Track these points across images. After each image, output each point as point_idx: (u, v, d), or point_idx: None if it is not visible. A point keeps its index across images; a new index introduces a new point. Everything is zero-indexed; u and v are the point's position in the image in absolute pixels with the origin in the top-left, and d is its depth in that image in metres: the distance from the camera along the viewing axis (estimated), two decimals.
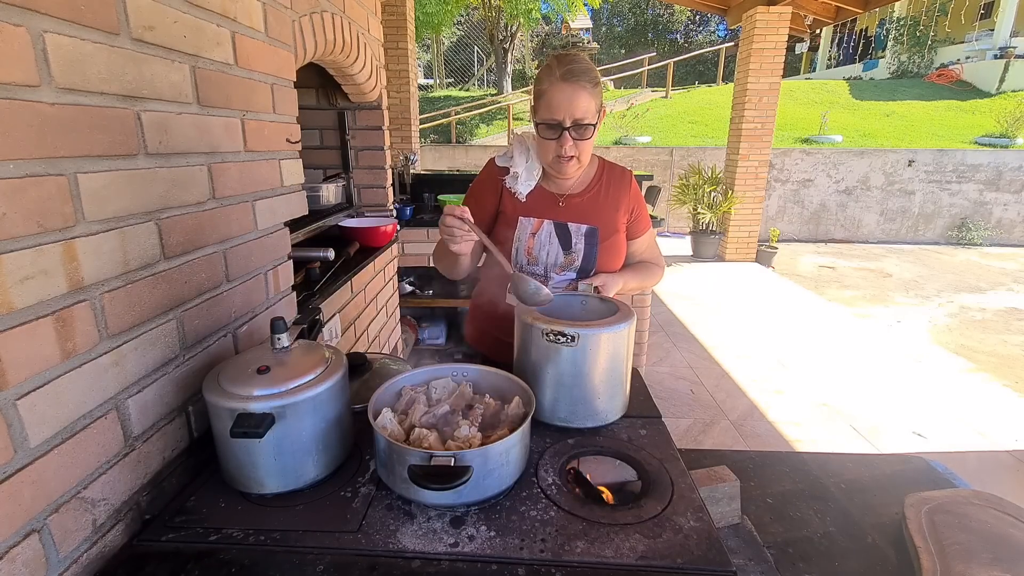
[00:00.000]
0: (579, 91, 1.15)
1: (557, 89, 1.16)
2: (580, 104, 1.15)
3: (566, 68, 1.16)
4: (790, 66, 16.97)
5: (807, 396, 3.30)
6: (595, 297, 1.19)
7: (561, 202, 1.33)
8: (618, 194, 1.34)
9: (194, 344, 0.90)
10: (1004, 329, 4.64)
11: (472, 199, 1.41)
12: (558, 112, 1.16)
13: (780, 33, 6.18)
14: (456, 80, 19.45)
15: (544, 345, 0.98)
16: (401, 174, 3.48)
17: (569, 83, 1.15)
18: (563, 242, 1.31)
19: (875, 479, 1.19)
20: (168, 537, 0.74)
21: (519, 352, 1.07)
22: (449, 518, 0.76)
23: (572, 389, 0.99)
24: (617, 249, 1.35)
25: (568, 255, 1.31)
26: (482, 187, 1.39)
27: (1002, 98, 11.39)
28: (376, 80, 2.21)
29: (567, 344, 0.97)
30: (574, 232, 1.31)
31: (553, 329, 0.97)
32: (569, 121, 1.17)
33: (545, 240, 1.31)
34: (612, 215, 1.33)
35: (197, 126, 0.90)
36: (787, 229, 8.57)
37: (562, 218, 1.32)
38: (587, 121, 1.17)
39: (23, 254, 0.59)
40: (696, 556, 0.70)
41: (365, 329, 2.12)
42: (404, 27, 6.00)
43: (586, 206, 1.32)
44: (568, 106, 1.15)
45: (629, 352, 1.04)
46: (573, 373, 0.98)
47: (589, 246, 1.30)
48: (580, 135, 1.19)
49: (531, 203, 1.33)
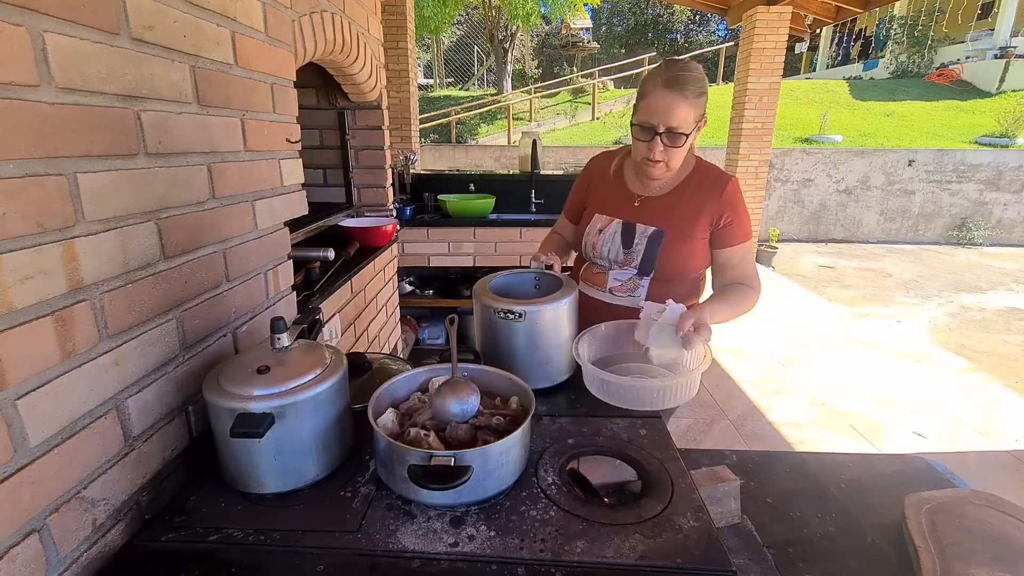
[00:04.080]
0: (679, 100, 1.16)
1: (658, 95, 1.17)
2: (677, 113, 1.17)
3: (671, 75, 1.17)
4: (790, 66, 16.97)
5: (807, 396, 3.30)
6: (548, 274, 1.27)
7: (637, 202, 1.35)
8: (703, 199, 1.29)
9: (194, 344, 0.90)
10: (1004, 329, 4.64)
11: (571, 195, 1.54)
12: (654, 117, 1.18)
13: (780, 33, 6.18)
14: (456, 80, 19.45)
15: (498, 321, 1.13)
16: (401, 174, 3.48)
17: (671, 91, 1.16)
18: (625, 241, 1.33)
19: (875, 479, 1.19)
20: (168, 537, 0.74)
21: (480, 330, 1.20)
22: (449, 518, 0.76)
23: (524, 357, 1.13)
24: (685, 255, 1.30)
25: (627, 254, 1.33)
26: (579, 183, 1.51)
27: (1002, 98, 11.39)
28: (376, 80, 2.21)
29: (516, 320, 1.11)
30: (639, 233, 1.32)
31: (503, 308, 1.11)
32: (663, 127, 1.18)
33: (609, 237, 1.35)
34: (688, 220, 1.29)
35: (197, 126, 0.90)
36: (787, 229, 8.57)
37: (632, 218, 1.34)
38: (681, 130, 1.18)
39: (23, 254, 0.59)
40: (696, 556, 0.70)
41: (365, 329, 2.12)
42: (404, 27, 6.00)
43: (660, 208, 1.32)
44: (665, 113, 1.17)
45: (571, 321, 1.18)
46: (524, 344, 1.13)
47: (650, 248, 1.30)
48: (672, 142, 1.20)
49: (609, 200, 1.40)
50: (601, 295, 1.37)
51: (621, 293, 1.36)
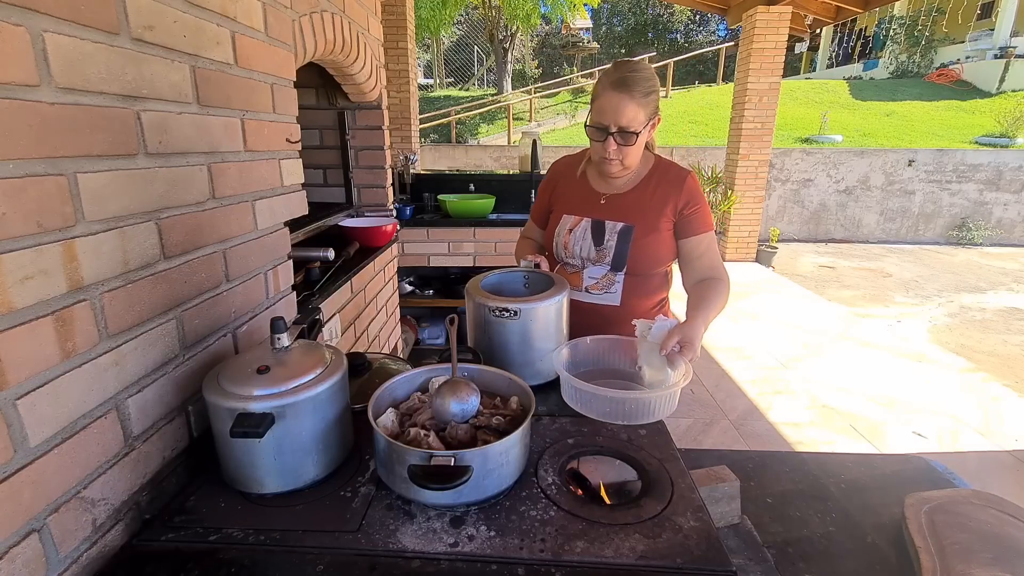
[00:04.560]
0: (626, 100, 1.20)
1: (607, 96, 1.22)
2: (626, 113, 1.21)
3: (619, 77, 1.21)
4: (790, 66, 16.98)
5: (807, 396, 3.30)
6: (537, 273, 1.29)
7: (603, 200, 1.39)
8: (666, 192, 1.34)
9: (194, 344, 0.90)
10: (1004, 329, 4.64)
11: (537, 199, 1.57)
12: (605, 117, 1.23)
13: (780, 33, 6.18)
14: (456, 80, 19.45)
15: (492, 320, 1.13)
16: (401, 174, 3.48)
17: (618, 92, 1.20)
18: (596, 238, 1.37)
19: (875, 479, 1.19)
20: (168, 537, 0.74)
21: (473, 328, 1.20)
22: (449, 518, 0.76)
23: (518, 355, 1.14)
24: (655, 248, 1.35)
25: (599, 251, 1.37)
26: (543, 187, 1.54)
27: (1002, 98, 11.39)
28: (376, 80, 2.21)
29: (511, 318, 1.11)
30: (608, 229, 1.36)
31: (498, 306, 1.12)
32: (614, 127, 1.23)
33: (580, 236, 1.38)
34: (654, 213, 1.34)
35: (197, 126, 0.90)
36: (787, 229, 8.57)
37: (600, 216, 1.38)
38: (632, 129, 1.22)
39: (23, 254, 0.59)
40: (696, 556, 0.70)
41: (365, 329, 2.12)
42: (404, 27, 6.00)
43: (627, 205, 1.36)
44: (614, 113, 1.22)
45: (562, 319, 1.20)
46: (519, 341, 1.14)
47: (621, 243, 1.34)
48: (624, 141, 1.24)
49: (576, 200, 1.43)
50: (577, 294, 1.39)
51: (597, 291, 1.39)
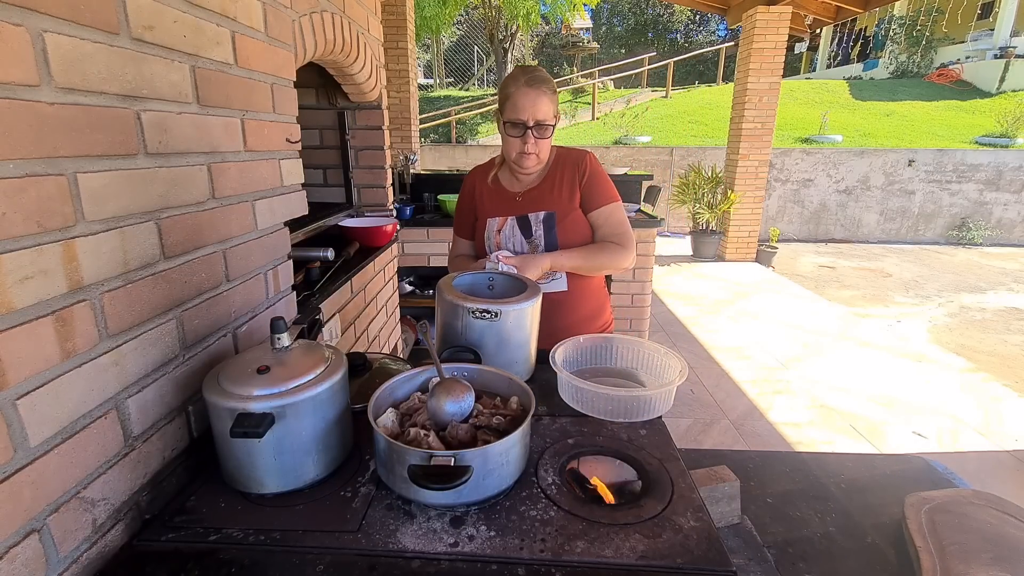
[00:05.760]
0: (541, 96, 1.32)
1: (522, 93, 1.32)
2: (541, 107, 1.33)
3: (530, 75, 1.33)
4: (790, 66, 16.98)
5: (807, 396, 3.30)
6: (501, 275, 1.29)
7: (519, 197, 1.48)
8: (572, 174, 1.44)
9: (194, 344, 0.90)
10: (1004, 329, 4.64)
11: (458, 212, 1.61)
12: (522, 113, 1.33)
13: (780, 33, 6.18)
14: (456, 80, 19.45)
15: (471, 321, 1.11)
16: (401, 174, 3.48)
17: (533, 88, 1.32)
18: (524, 232, 1.46)
19: (875, 479, 1.19)
20: (168, 537, 0.74)
21: (443, 328, 1.18)
22: (449, 518, 0.76)
23: (493, 356, 1.11)
24: (578, 227, 1.44)
25: (531, 242, 1.45)
26: (463, 200, 1.60)
27: (1002, 98, 11.39)
28: (376, 80, 2.21)
29: (491, 319, 1.10)
30: (533, 220, 1.45)
31: (479, 307, 1.09)
32: (532, 121, 1.33)
33: (509, 233, 1.47)
34: (567, 195, 1.44)
35: (197, 126, 0.90)
36: (787, 229, 8.57)
37: (521, 211, 1.47)
38: (547, 122, 1.35)
39: (23, 254, 0.59)
40: (696, 556, 0.70)
41: (365, 329, 2.12)
42: (404, 27, 6.00)
43: (542, 195, 1.46)
44: (531, 108, 1.32)
45: (536, 321, 1.19)
46: (496, 343, 1.11)
47: (547, 229, 1.43)
48: (541, 135, 1.35)
49: (495, 204, 1.51)
50: None
51: (543, 281, 1.45)
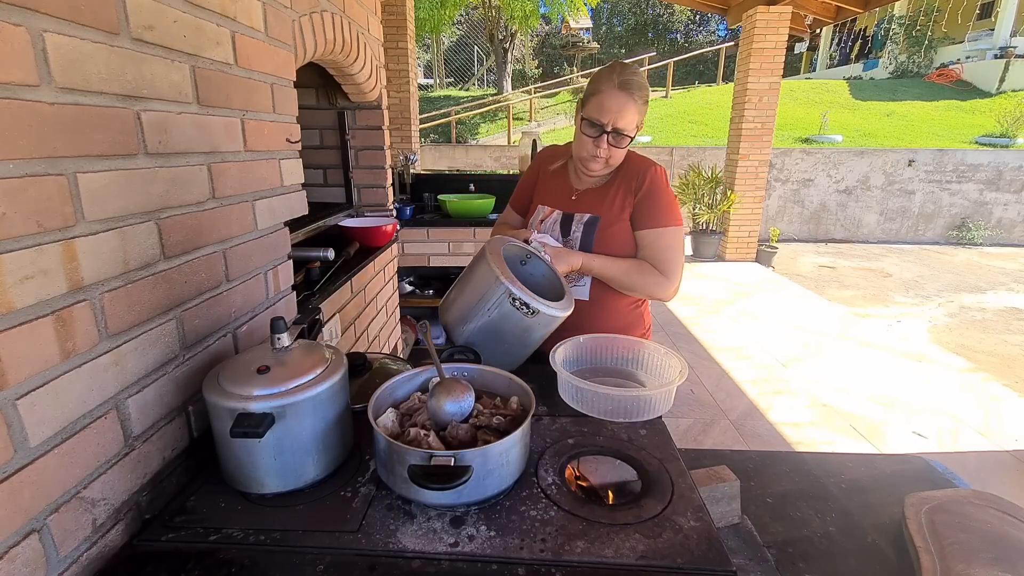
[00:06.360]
0: (630, 103, 1.22)
1: (612, 95, 1.22)
2: (626, 115, 1.23)
3: (625, 78, 1.22)
4: (790, 66, 16.97)
5: (807, 396, 3.30)
6: (537, 257, 1.26)
7: (574, 196, 1.42)
8: (630, 184, 1.35)
9: (194, 344, 0.90)
10: (1004, 329, 4.64)
11: (521, 185, 1.57)
12: (605, 115, 1.23)
13: (780, 33, 6.18)
14: (456, 80, 19.45)
15: (503, 302, 1.03)
16: (401, 174, 3.48)
17: (624, 92, 1.22)
18: (564, 229, 1.40)
19: (875, 479, 1.19)
20: (168, 537, 0.74)
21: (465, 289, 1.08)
22: (449, 518, 0.76)
23: (497, 343, 1.06)
24: (618, 238, 1.36)
25: (565, 241, 1.39)
26: (528, 174, 1.56)
27: (1002, 98, 11.40)
28: (376, 80, 2.21)
29: (524, 313, 1.02)
30: (576, 221, 1.39)
31: (522, 298, 1.02)
32: (611, 127, 1.24)
33: (550, 226, 1.42)
34: (618, 205, 1.35)
35: (197, 126, 0.90)
36: (787, 229, 8.57)
37: (570, 209, 1.41)
38: (626, 132, 1.25)
39: (23, 254, 0.59)
40: (696, 556, 0.70)
41: (365, 329, 2.12)
42: (404, 27, 6.00)
43: (596, 198, 1.39)
44: (616, 113, 1.23)
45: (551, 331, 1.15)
46: (510, 331, 1.06)
47: (586, 234, 1.37)
48: (616, 143, 1.26)
49: (551, 193, 1.46)
50: None
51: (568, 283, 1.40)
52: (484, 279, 1.05)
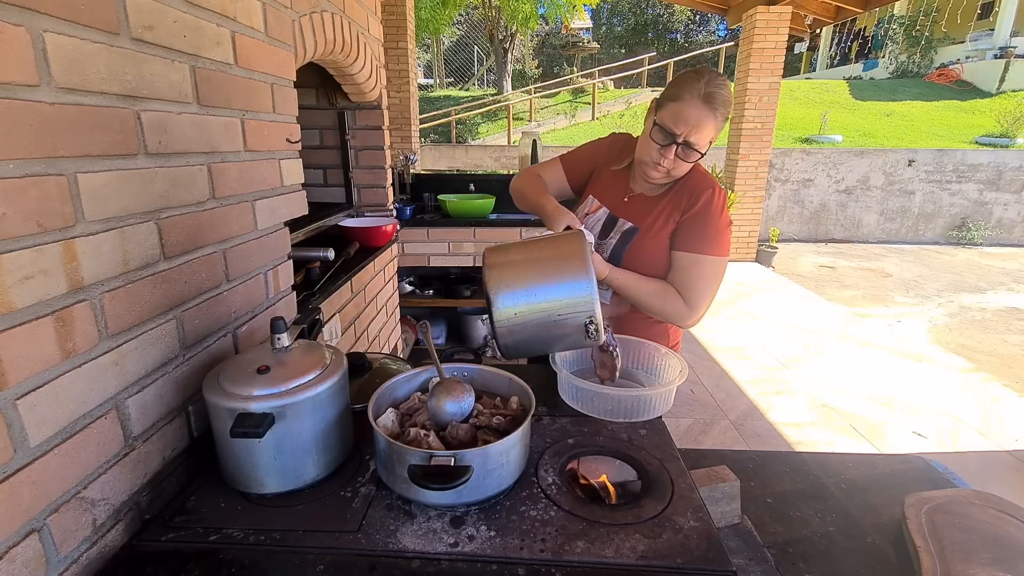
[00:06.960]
0: (708, 118, 1.15)
1: (693, 106, 1.15)
2: (703, 130, 1.16)
3: (710, 91, 1.14)
4: (790, 66, 16.96)
5: (807, 396, 3.30)
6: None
7: (627, 197, 1.36)
8: (680, 201, 1.28)
9: (194, 344, 0.90)
10: (1004, 329, 4.64)
11: (584, 151, 1.49)
12: (679, 126, 1.16)
13: (780, 33, 6.18)
14: (456, 80, 19.45)
15: (574, 318, 0.97)
16: (401, 174, 3.48)
17: (707, 106, 1.15)
18: (604, 231, 1.35)
19: (875, 479, 1.19)
20: (168, 537, 0.74)
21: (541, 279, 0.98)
22: (449, 518, 0.76)
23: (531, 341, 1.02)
24: (648, 253, 1.29)
25: (600, 244, 1.34)
26: (597, 147, 1.47)
27: (1002, 98, 11.40)
28: (376, 80, 2.21)
29: (585, 334, 0.98)
30: (617, 226, 1.34)
31: (597, 324, 0.97)
32: (683, 139, 1.17)
33: (593, 223, 1.37)
34: (662, 220, 1.29)
35: (197, 126, 0.90)
36: (787, 229, 8.57)
37: (618, 212, 1.35)
38: (698, 147, 1.18)
39: (23, 254, 0.59)
40: (696, 556, 0.70)
41: (365, 329, 2.12)
42: (404, 27, 6.01)
43: (645, 206, 1.32)
44: (692, 126, 1.16)
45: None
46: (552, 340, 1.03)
47: (621, 243, 1.31)
48: (685, 156, 1.19)
49: (606, 188, 1.40)
50: None
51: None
52: (573, 283, 0.97)
